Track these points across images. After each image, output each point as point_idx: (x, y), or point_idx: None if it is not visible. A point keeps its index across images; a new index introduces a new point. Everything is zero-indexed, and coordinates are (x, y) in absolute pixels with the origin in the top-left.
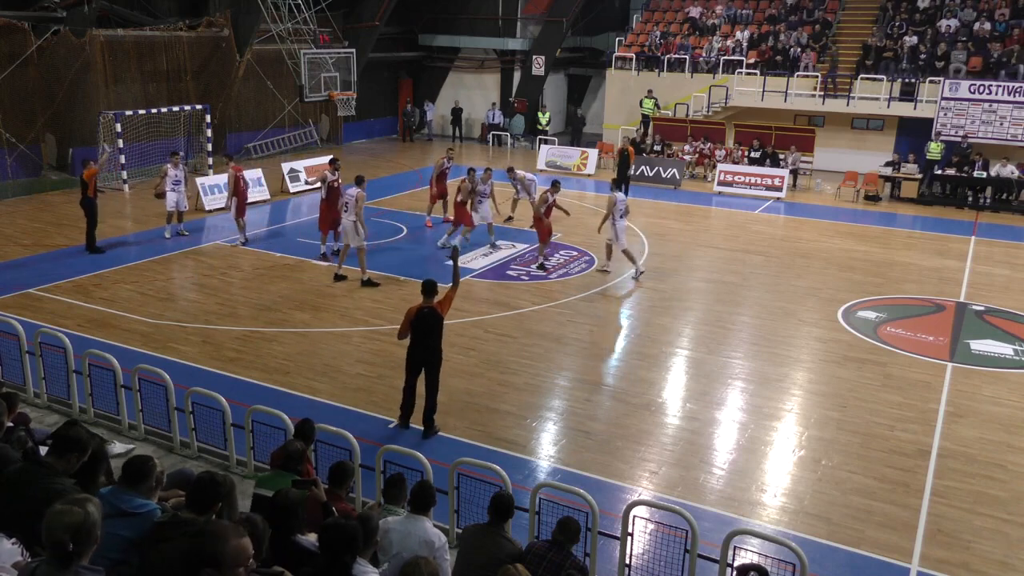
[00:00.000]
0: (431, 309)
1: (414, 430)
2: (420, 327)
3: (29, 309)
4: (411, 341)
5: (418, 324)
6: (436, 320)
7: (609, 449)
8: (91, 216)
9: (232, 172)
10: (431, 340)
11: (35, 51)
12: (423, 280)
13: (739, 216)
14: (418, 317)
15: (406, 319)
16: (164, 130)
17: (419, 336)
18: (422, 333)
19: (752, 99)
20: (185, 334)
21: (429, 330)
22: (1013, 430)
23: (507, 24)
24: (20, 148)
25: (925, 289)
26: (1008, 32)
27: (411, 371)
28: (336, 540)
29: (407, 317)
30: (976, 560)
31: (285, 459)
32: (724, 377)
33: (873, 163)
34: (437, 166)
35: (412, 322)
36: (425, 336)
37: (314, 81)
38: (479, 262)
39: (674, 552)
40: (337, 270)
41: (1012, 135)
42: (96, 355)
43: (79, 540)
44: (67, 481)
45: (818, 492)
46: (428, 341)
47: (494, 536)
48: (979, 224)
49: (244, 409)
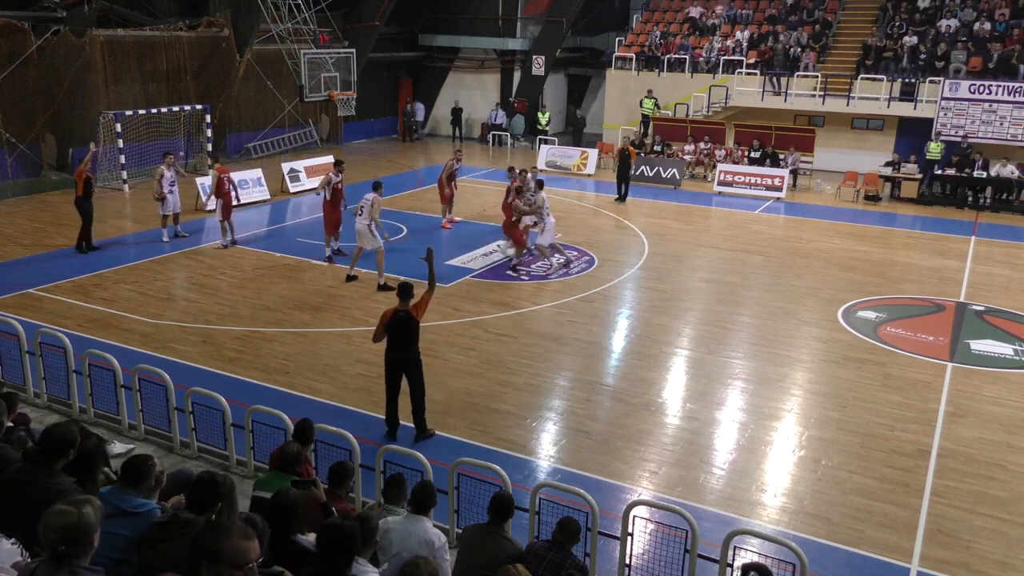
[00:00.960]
0: (406, 313)
1: (412, 429)
2: (396, 331)
3: (29, 309)
4: (387, 345)
5: (393, 328)
6: (411, 324)
7: (609, 449)
8: (82, 216)
9: (216, 174)
10: (407, 344)
11: (35, 51)
12: (399, 283)
13: (739, 216)
14: (393, 321)
15: (381, 322)
16: (164, 130)
17: (395, 340)
18: (398, 337)
19: (752, 99)
20: (185, 334)
21: (405, 334)
22: (1013, 430)
23: (507, 24)
24: (20, 148)
25: (925, 289)
26: (1008, 32)
27: (389, 377)
28: (334, 541)
29: (382, 321)
30: (976, 560)
31: (282, 461)
32: (724, 377)
33: (873, 163)
34: (446, 167)
35: (387, 326)
36: (401, 340)
37: (314, 81)
38: (479, 262)
39: (674, 552)
40: (349, 271)
41: (1012, 135)
42: (96, 355)
43: (71, 542)
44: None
45: (818, 492)
46: (404, 345)
47: (494, 536)
48: (979, 224)
49: (244, 409)
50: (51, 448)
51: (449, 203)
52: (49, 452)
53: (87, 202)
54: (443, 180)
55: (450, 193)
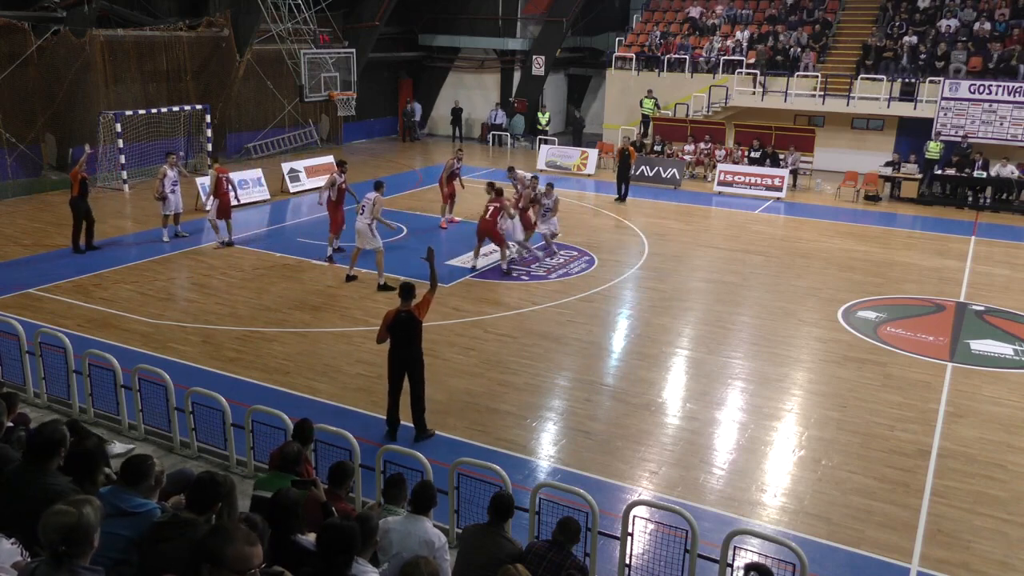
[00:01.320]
0: (408, 313)
1: (412, 429)
2: (398, 331)
3: (29, 309)
4: (391, 346)
5: (396, 328)
6: (414, 324)
7: (609, 449)
8: (74, 216)
9: (215, 174)
10: (410, 344)
11: (35, 51)
12: (400, 283)
13: (739, 216)
14: (396, 321)
15: (384, 323)
16: (164, 130)
17: (398, 341)
18: (400, 338)
19: (752, 99)
20: (185, 334)
21: (407, 334)
22: (1013, 430)
23: (507, 24)
24: (20, 148)
25: (925, 289)
26: (1008, 32)
27: (392, 377)
28: (334, 541)
29: (384, 321)
30: (976, 560)
31: (282, 460)
32: (724, 377)
33: (873, 163)
34: (447, 166)
35: (390, 326)
36: (404, 340)
37: (314, 81)
38: (479, 262)
39: (674, 552)
40: (349, 271)
41: (1012, 135)
42: (96, 355)
43: (71, 542)
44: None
45: (818, 492)
46: (407, 345)
47: (494, 536)
48: (979, 224)
49: (244, 409)
50: (40, 448)
51: (449, 202)
52: (39, 452)
53: (81, 202)
54: (443, 179)
55: (450, 191)
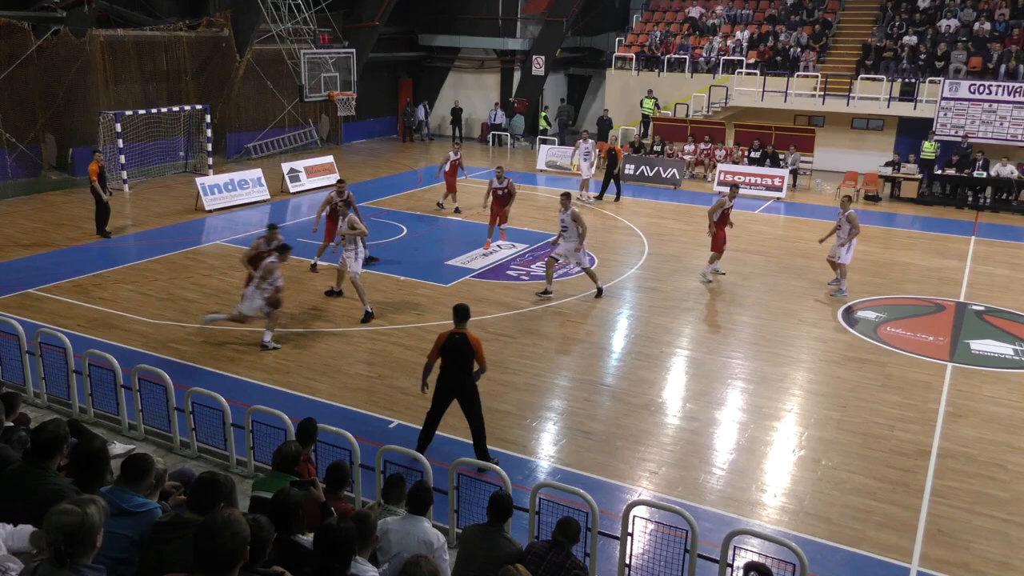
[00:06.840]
0: (463, 336)
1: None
2: (450, 355)
3: (29, 309)
4: (441, 369)
5: (447, 351)
6: (467, 349)
7: (609, 449)
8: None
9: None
10: (460, 370)
11: (35, 51)
12: (455, 305)
13: (739, 216)
14: (448, 343)
15: (436, 344)
16: (164, 130)
17: (448, 364)
18: (452, 362)
19: (752, 99)
20: (185, 334)
21: (460, 359)
22: (1013, 430)
23: (507, 24)
24: (20, 148)
25: (925, 289)
26: (1008, 32)
27: (437, 400)
28: (331, 544)
29: (436, 343)
30: (976, 560)
31: (281, 461)
32: (724, 377)
33: (873, 163)
34: (443, 159)
35: (441, 348)
36: (455, 365)
37: (314, 81)
38: (479, 262)
39: (674, 552)
40: (335, 287)
41: (1012, 135)
42: (96, 355)
43: (74, 542)
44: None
45: (818, 492)
46: (458, 371)
47: (494, 536)
48: (979, 224)
49: (244, 409)
50: (43, 445)
51: (451, 191)
52: (41, 449)
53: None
54: (442, 171)
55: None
